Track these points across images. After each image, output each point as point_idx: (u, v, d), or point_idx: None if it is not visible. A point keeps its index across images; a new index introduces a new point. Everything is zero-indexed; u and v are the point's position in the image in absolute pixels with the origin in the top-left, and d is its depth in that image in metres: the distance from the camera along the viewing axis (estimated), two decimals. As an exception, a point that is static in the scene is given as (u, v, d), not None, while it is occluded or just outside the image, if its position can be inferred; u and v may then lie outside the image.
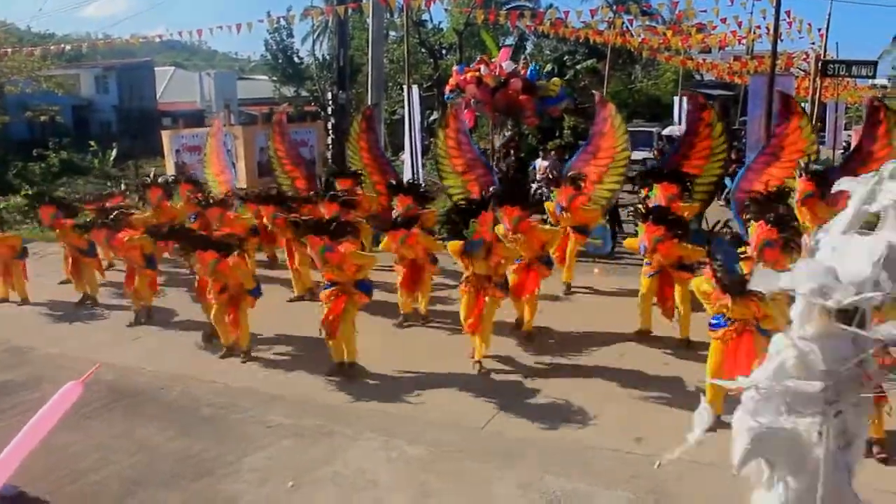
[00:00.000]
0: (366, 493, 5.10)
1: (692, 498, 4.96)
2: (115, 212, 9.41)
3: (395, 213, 8.96)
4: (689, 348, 7.40)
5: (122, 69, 39.73)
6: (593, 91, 13.83)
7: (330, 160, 16.79)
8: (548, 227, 8.90)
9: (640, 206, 8.21)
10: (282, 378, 7.27)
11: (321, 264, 7.06)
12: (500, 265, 7.30)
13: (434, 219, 9.49)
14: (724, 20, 17.95)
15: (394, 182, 10.67)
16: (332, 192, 9.92)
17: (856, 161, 8.71)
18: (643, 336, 7.89)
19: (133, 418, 6.43)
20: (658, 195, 8.93)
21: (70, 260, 10.13)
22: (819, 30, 16.45)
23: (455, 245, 7.17)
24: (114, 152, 27.74)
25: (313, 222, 7.44)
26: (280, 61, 33.27)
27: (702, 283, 6.00)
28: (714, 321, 5.89)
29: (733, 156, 15.37)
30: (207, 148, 13.29)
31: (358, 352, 7.25)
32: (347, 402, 6.63)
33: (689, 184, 9.43)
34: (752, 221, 6.48)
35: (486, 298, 7.07)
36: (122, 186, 13.43)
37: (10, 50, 23.38)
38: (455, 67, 14.44)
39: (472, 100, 13.17)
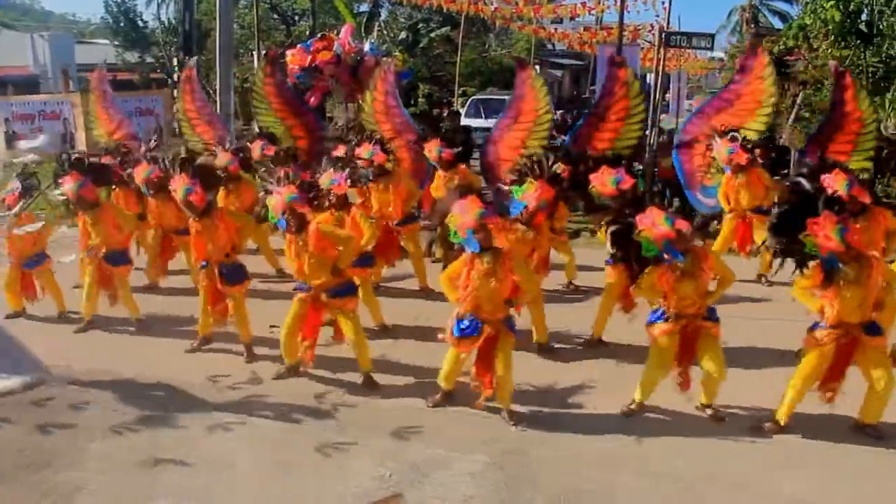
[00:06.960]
0: (223, 474, 4.96)
1: (548, 459, 5.12)
2: None
3: None
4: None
5: (-62, 29, 36.30)
6: (446, 61, 13.76)
7: (177, 128, 16.03)
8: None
9: None
10: (127, 357, 6.90)
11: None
12: None
13: None
14: (574, -9, 18.49)
15: None
16: None
17: (833, 123, 9.13)
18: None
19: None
20: None
21: None
22: (662, 3, 17.24)
23: None
24: (-68, 122, 25.32)
25: None
26: (122, 25, 31.48)
27: None
28: None
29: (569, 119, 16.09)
30: (91, 104, 11.83)
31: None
32: (199, 383, 6.39)
33: None
34: None
35: None
36: None
37: None
38: (300, 45, 13.80)
39: (330, 78, 12.81)
